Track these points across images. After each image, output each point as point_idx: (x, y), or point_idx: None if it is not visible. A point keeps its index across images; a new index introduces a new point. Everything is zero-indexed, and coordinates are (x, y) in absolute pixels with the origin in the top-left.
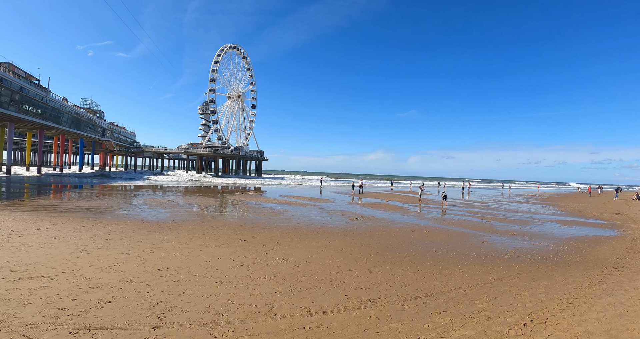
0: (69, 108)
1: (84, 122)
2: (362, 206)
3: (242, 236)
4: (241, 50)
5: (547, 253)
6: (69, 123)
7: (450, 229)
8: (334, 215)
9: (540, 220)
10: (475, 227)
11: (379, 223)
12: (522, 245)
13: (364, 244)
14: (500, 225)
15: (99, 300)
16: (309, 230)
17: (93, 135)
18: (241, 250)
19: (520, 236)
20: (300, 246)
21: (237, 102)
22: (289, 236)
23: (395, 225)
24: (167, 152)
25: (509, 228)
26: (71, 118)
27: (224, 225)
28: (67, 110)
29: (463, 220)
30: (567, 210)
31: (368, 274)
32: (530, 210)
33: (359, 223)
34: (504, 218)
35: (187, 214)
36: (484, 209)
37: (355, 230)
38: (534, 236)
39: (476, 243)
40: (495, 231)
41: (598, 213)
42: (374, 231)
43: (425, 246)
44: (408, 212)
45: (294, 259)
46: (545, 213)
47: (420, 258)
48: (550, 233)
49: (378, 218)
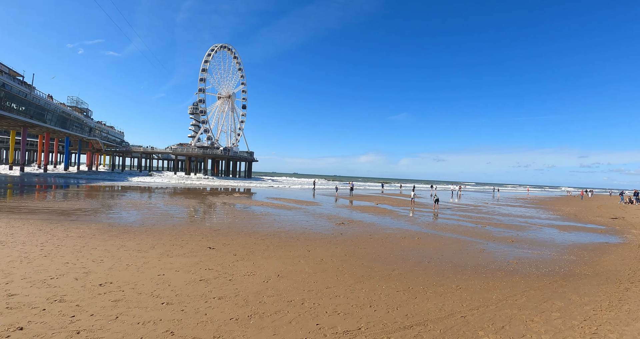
0: (54, 106)
1: (70, 121)
2: (351, 209)
3: (212, 243)
4: (232, 50)
5: (552, 263)
6: (54, 121)
7: (444, 235)
8: (319, 219)
9: (537, 225)
10: (470, 233)
11: (367, 228)
12: (523, 254)
13: (348, 253)
14: (497, 230)
15: (9, 326)
16: (289, 236)
17: (79, 134)
18: (206, 260)
19: (519, 244)
20: (275, 256)
21: (228, 103)
22: (265, 244)
23: (384, 230)
24: (155, 152)
25: (506, 234)
26: (56, 116)
27: (196, 229)
28: (52, 108)
29: (456, 224)
30: (562, 213)
31: (349, 293)
32: (524, 213)
33: (345, 229)
34: (499, 222)
35: (160, 217)
36: (477, 213)
37: (340, 236)
38: (534, 243)
39: (473, 252)
40: (492, 237)
41: (595, 218)
42: (360, 238)
43: (416, 256)
44: (398, 216)
45: (265, 272)
46: (540, 217)
47: (412, 272)
48: (551, 240)
49: (366, 222)
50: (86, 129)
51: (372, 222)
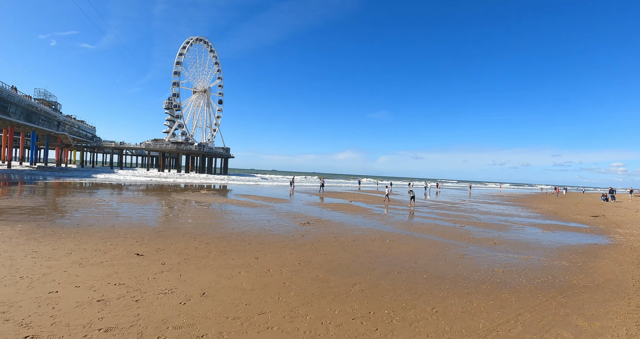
0: (18, 99)
1: (36, 114)
2: (321, 207)
3: (144, 249)
4: (208, 43)
5: (544, 272)
6: (19, 114)
7: (419, 237)
8: (284, 218)
9: (518, 224)
10: (448, 234)
11: (334, 228)
12: (509, 260)
13: (303, 261)
14: (476, 230)
15: None
16: (241, 238)
17: (47, 128)
18: (123, 272)
19: (503, 246)
20: (212, 265)
21: (203, 97)
22: (207, 249)
23: (353, 231)
24: (127, 147)
25: (487, 234)
26: (21, 109)
27: (136, 231)
28: (17, 101)
29: (433, 224)
30: (541, 211)
31: (287, 322)
32: (503, 211)
33: (309, 229)
34: (478, 221)
35: (103, 217)
36: (455, 211)
37: (301, 238)
38: (519, 246)
39: (452, 258)
40: (472, 239)
41: (575, 216)
42: (323, 241)
43: (386, 263)
44: (371, 214)
45: (188, 289)
46: (520, 216)
47: (377, 286)
48: (536, 241)
49: (335, 221)
50: (54, 123)
51: (341, 221)
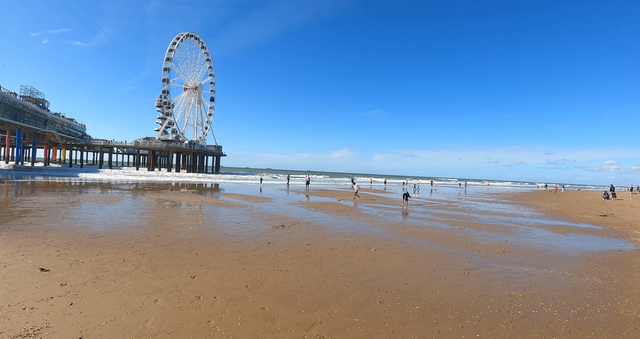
0: (1, 96)
1: (22, 112)
2: (306, 206)
3: (63, 260)
4: (199, 39)
5: (576, 295)
6: (2, 112)
7: (412, 243)
8: (257, 220)
9: (524, 225)
10: (446, 239)
11: (311, 232)
12: (527, 277)
13: (253, 282)
14: (479, 234)
15: None
16: (190, 247)
17: (33, 126)
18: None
19: (514, 255)
20: (126, 288)
21: (194, 94)
22: (137, 262)
23: (333, 236)
24: (116, 145)
25: (491, 239)
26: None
27: (70, 236)
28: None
29: (428, 226)
30: (544, 210)
31: None
32: (504, 211)
33: (281, 234)
34: (479, 222)
35: (48, 218)
36: (452, 210)
37: (266, 246)
38: (532, 254)
39: (454, 274)
40: (475, 246)
41: (582, 215)
42: (292, 250)
43: (365, 285)
44: (359, 215)
45: (62, 330)
46: (523, 215)
47: (346, 329)
48: (550, 248)
49: (315, 224)
50: (41, 121)
51: (322, 224)
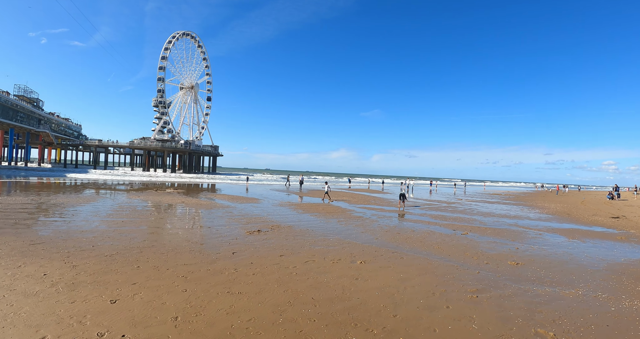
0: None
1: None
2: (294, 208)
3: None
4: (196, 38)
5: (626, 332)
6: None
7: (406, 254)
8: (232, 224)
9: (533, 229)
10: (447, 248)
11: (289, 240)
12: (552, 303)
13: (187, 313)
14: (484, 240)
15: None
16: (139, 256)
17: (25, 126)
18: None
19: (530, 269)
20: (16, 317)
21: (190, 93)
22: (62, 277)
23: (314, 244)
24: (110, 145)
25: (499, 247)
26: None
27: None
28: None
29: (426, 231)
30: (550, 211)
31: None
32: (508, 212)
33: (253, 241)
34: (483, 226)
35: (4, 221)
36: (453, 212)
37: (229, 258)
38: (551, 267)
39: (459, 302)
40: (482, 256)
41: (592, 217)
42: (257, 263)
43: (339, 317)
44: (350, 218)
45: None
46: (530, 217)
47: None
48: (570, 258)
49: (297, 228)
50: (34, 120)
51: (305, 228)
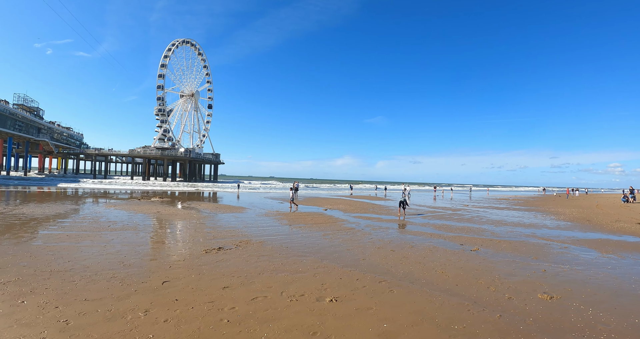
0: None
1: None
2: (279, 218)
3: None
4: (196, 45)
5: None
6: None
7: (399, 284)
8: (196, 238)
9: (555, 241)
10: (453, 272)
11: (250, 262)
12: None
13: None
14: (500, 259)
15: None
16: (37, 284)
17: (24, 134)
18: None
19: (572, 306)
20: None
21: (191, 101)
22: None
23: (278, 270)
24: (111, 154)
25: (521, 269)
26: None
27: None
28: None
29: (428, 246)
30: (567, 218)
31: None
32: (522, 220)
33: (201, 264)
34: (495, 238)
35: None
36: (459, 221)
37: (153, 290)
38: (597, 302)
39: None
40: (499, 285)
41: (615, 223)
42: (184, 302)
43: None
44: (339, 230)
45: None
46: (547, 226)
47: None
48: (617, 284)
49: (269, 245)
50: (34, 129)
51: (279, 245)
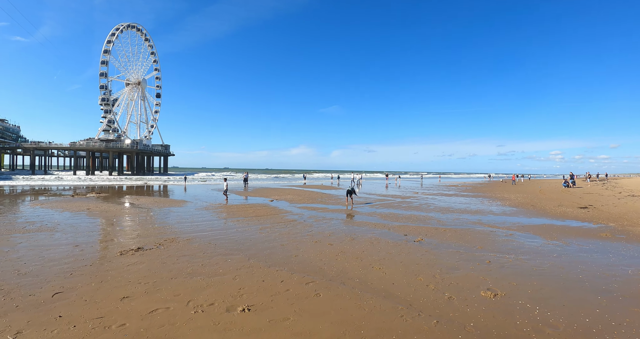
0: None
1: None
2: (218, 212)
3: None
4: (142, 31)
5: None
6: None
7: (327, 285)
8: (115, 238)
9: (501, 228)
10: (392, 268)
11: (167, 265)
12: None
13: None
14: (444, 250)
15: None
16: None
17: None
18: None
19: (517, 305)
20: None
21: (137, 90)
22: None
23: (193, 273)
24: (50, 147)
25: (465, 261)
26: None
27: None
28: None
29: (370, 238)
30: (513, 203)
31: None
32: (469, 206)
33: (111, 269)
34: (441, 226)
35: None
36: (407, 209)
37: (42, 303)
38: (544, 299)
39: None
40: (440, 281)
41: (558, 208)
42: (67, 319)
43: None
44: (278, 223)
45: None
46: (493, 212)
47: None
48: (564, 276)
49: (196, 243)
50: None
51: (207, 242)
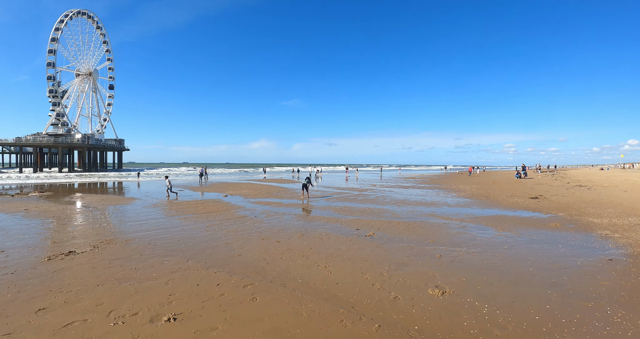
0: None
1: None
2: (168, 209)
3: None
4: (94, 18)
5: None
6: None
7: (266, 288)
8: (46, 241)
9: (454, 219)
10: (338, 266)
11: (97, 270)
12: None
13: None
14: (395, 246)
15: None
16: None
17: None
18: None
19: (466, 304)
20: None
21: (88, 81)
22: None
23: (124, 278)
24: None
25: (416, 257)
26: None
27: None
28: None
29: (320, 233)
30: (467, 195)
31: None
32: (424, 198)
33: (33, 277)
34: (395, 219)
35: None
36: (363, 202)
37: None
38: (494, 296)
39: None
40: (388, 280)
41: (510, 198)
42: None
43: None
44: (228, 219)
45: None
46: (448, 203)
47: None
48: (514, 269)
49: (134, 244)
50: None
51: (147, 243)
